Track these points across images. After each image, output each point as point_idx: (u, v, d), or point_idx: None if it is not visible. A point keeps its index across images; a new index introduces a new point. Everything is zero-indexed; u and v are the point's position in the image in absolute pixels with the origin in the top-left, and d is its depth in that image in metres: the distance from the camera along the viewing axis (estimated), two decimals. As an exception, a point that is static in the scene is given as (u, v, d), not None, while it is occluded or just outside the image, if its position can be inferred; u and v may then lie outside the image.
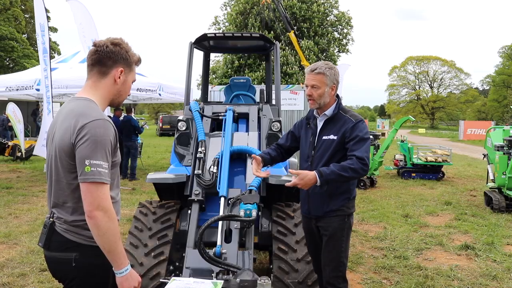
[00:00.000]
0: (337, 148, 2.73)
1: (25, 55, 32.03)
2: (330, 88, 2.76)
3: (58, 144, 1.83)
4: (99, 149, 1.75)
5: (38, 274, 4.32)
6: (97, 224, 1.73)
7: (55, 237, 1.87)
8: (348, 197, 2.79)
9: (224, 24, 29.08)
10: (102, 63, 1.91)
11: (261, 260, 4.66)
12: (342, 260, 2.78)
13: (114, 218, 1.78)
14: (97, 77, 1.94)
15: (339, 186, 2.74)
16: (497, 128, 8.56)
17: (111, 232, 1.75)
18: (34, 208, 7.25)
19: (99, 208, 1.72)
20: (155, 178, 3.58)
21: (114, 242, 1.76)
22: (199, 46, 5.01)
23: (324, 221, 2.80)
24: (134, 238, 3.26)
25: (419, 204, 8.17)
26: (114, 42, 1.94)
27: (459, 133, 33.88)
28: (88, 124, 1.76)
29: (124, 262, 1.82)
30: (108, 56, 1.91)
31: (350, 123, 2.72)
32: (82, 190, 1.74)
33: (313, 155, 2.83)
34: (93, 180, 1.72)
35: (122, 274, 1.82)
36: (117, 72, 1.94)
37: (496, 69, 51.32)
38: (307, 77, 2.80)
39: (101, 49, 1.90)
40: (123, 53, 1.95)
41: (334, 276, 2.77)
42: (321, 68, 2.74)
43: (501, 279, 4.46)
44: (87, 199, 1.73)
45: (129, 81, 2.02)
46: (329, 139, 2.76)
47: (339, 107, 2.82)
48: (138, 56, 2.05)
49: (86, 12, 9.55)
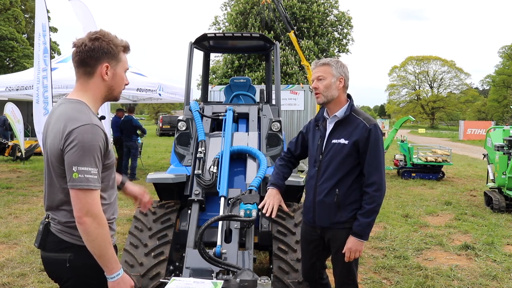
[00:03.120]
0: (348, 154, 2.54)
1: (25, 55, 32.00)
2: (337, 79, 2.56)
3: (49, 148, 1.81)
4: (87, 155, 1.71)
5: (38, 274, 4.32)
6: (87, 230, 1.71)
7: (50, 238, 1.86)
8: (357, 208, 2.57)
9: (224, 24, 29.07)
10: (85, 63, 1.84)
11: (261, 260, 4.66)
12: (352, 268, 2.69)
13: (104, 223, 1.76)
14: (84, 78, 1.87)
15: (348, 196, 2.57)
16: (497, 128, 8.55)
17: (101, 238, 1.73)
18: (34, 208, 7.26)
19: (88, 214, 1.71)
20: (155, 178, 3.58)
21: (105, 247, 1.75)
22: (199, 46, 5.00)
23: (331, 233, 2.64)
24: (134, 238, 3.25)
25: (419, 204, 8.16)
26: (92, 38, 1.83)
27: (459, 133, 33.91)
28: (76, 129, 1.72)
29: (115, 267, 1.80)
30: (89, 55, 1.82)
31: (363, 129, 2.52)
32: (71, 196, 1.73)
33: (320, 159, 2.63)
34: (81, 187, 1.70)
35: (114, 279, 1.80)
36: (102, 69, 1.85)
37: (496, 69, 51.34)
38: (313, 71, 2.64)
39: (80, 49, 1.81)
40: (104, 46, 1.83)
41: (345, 283, 2.71)
42: (325, 60, 2.61)
43: (501, 279, 4.46)
44: (76, 206, 1.72)
45: (119, 72, 1.91)
46: (339, 143, 2.56)
47: (351, 108, 2.61)
48: (125, 42, 1.92)
49: (87, 11, 9.56)
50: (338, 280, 2.74)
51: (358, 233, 2.52)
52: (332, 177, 2.58)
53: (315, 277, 2.88)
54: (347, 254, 2.56)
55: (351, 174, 2.57)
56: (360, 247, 2.55)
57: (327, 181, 2.59)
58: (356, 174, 2.57)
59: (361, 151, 2.53)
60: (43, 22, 8.42)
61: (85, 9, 9.53)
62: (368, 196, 2.51)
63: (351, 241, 2.54)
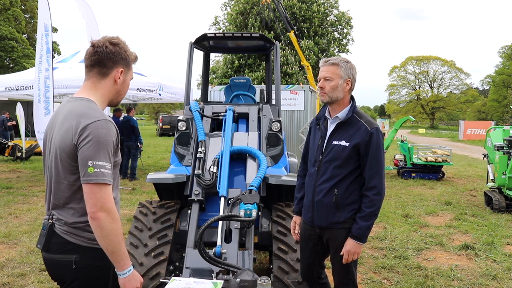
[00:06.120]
0: (349, 156, 2.53)
1: (25, 55, 32.02)
2: (344, 81, 2.54)
3: (59, 145, 1.81)
4: (102, 150, 1.74)
5: (38, 274, 4.32)
6: (101, 225, 1.72)
7: (54, 239, 1.85)
8: (356, 208, 2.57)
9: (224, 24, 29.07)
10: (102, 64, 1.89)
11: (261, 260, 4.66)
12: (351, 268, 2.69)
13: (117, 219, 1.77)
14: (97, 78, 1.91)
15: (347, 196, 2.57)
16: (497, 128, 8.56)
17: (114, 233, 1.74)
18: (34, 208, 7.26)
19: (102, 209, 1.71)
20: (155, 178, 3.58)
21: (118, 243, 1.75)
22: (199, 46, 5.00)
23: (330, 233, 2.65)
24: (134, 238, 3.25)
25: (419, 204, 8.17)
26: (113, 42, 1.91)
27: (459, 133, 33.91)
28: (91, 124, 1.75)
29: (127, 263, 1.81)
30: (108, 57, 1.88)
31: (365, 133, 2.51)
32: (85, 191, 1.73)
33: (320, 160, 2.63)
34: (97, 181, 1.71)
35: (125, 275, 1.81)
36: (117, 72, 1.92)
37: (496, 69, 51.31)
38: (321, 69, 2.60)
39: (100, 49, 1.87)
40: (122, 53, 1.92)
41: (343, 283, 2.72)
42: (335, 60, 2.56)
43: (501, 279, 4.46)
44: (90, 200, 1.72)
45: (127, 80, 2.01)
46: (340, 145, 2.55)
47: (354, 110, 2.59)
48: (135, 54, 2.03)
49: (89, 11, 9.59)
50: (337, 280, 2.74)
51: (357, 236, 2.53)
52: (331, 178, 2.58)
53: (314, 277, 2.88)
54: (345, 257, 2.57)
55: (351, 176, 2.57)
56: (358, 250, 2.57)
57: (326, 182, 2.59)
58: (355, 176, 2.57)
59: (361, 154, 2.53)
60: (45, 22, 8.42)
61: (88, 8, 9.58)
62: (368, 199, 2.52)
63: (350, 243, 2.55)
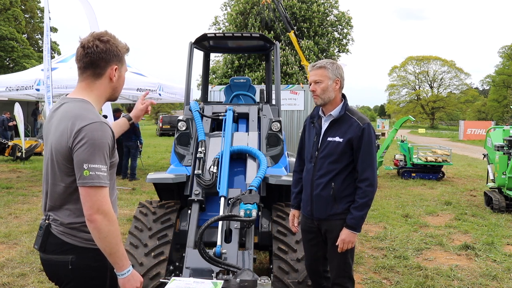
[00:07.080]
0: (343, 151, 2.68)
1: (25, 55, 32.01)
2: (333, 82, 2.70)
3: (55, 147, 1.79)
4: (97, 153, 1.72)
5: (38, 274, 4.32)
6: (98, 227, 1.71)
7: (51, 240, 1.84)
8: (352, 200, 2.71)
9: (224, 24, 29.05)
10: (95, 65, 1.84)
11: (261, 260, 4.66)
12: (348, 261, 2.78)
13: (115, 220, 1.77)
14: (91, 79, 1.87)
15: (343, 189, 2.71)
16: (497, 128, 8.56)
17: (112, 235, 1.74)
18: (34, 208, 7.25)
19: (99, 212, 1.71)
20: (155, 178, 3.58)
21: (116, 244, 1.75)
22: (199, 46, 5.00)
23: (328, 224, 2.77)
24: (134, 238, 3.25)
25: (419, 204, 8.16)
26: (102, 40, 1.84)
27: (459, 133, 33.89)
28: (86, 127, 1.72)
29: (125, 264, 1.81)
30: (100, 57, 1.83)
31: (357, 128, 2.66)
32: (81, 194, 1.72)
33: (316, 156, 2.78)
34: (92, 184, 1.70)
35: (125, 276, 1.81)
36: (111, 70, 1.88)
37: (496, 69, 51.26)
38: (310, 74, 2.77)
39: (91, 50, 1.81)
40: (114, 49, 1.86)
41: (340, 276, 2.79)
42: (322, 63, 2.73)
43: (501, 279, 4.46)
44: (86, 203, 1.71)
45: (123, 74, 1.97)
46: (334, 141, 2.70)
47: (346, 108, 2.75)
48: (126, 45, 1.97)
49: (91, 11, 9.61)
50: (335, 273, 2.82)
51: (352, 225, 2.66)
52: (328, 173, 2.73)
53: (319, 270, 2.95)
54: (341, 245, 2.69)
55: (346, 169, 2.72)
56: (353, 239, 2.68)
57: (323, 176, 2.74)
58: (350, 169, 2.72)
59: (354, 148, 2.68)
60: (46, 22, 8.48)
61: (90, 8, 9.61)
62: (361, 191, 2.66)
63: (345, 233, 2.68)
